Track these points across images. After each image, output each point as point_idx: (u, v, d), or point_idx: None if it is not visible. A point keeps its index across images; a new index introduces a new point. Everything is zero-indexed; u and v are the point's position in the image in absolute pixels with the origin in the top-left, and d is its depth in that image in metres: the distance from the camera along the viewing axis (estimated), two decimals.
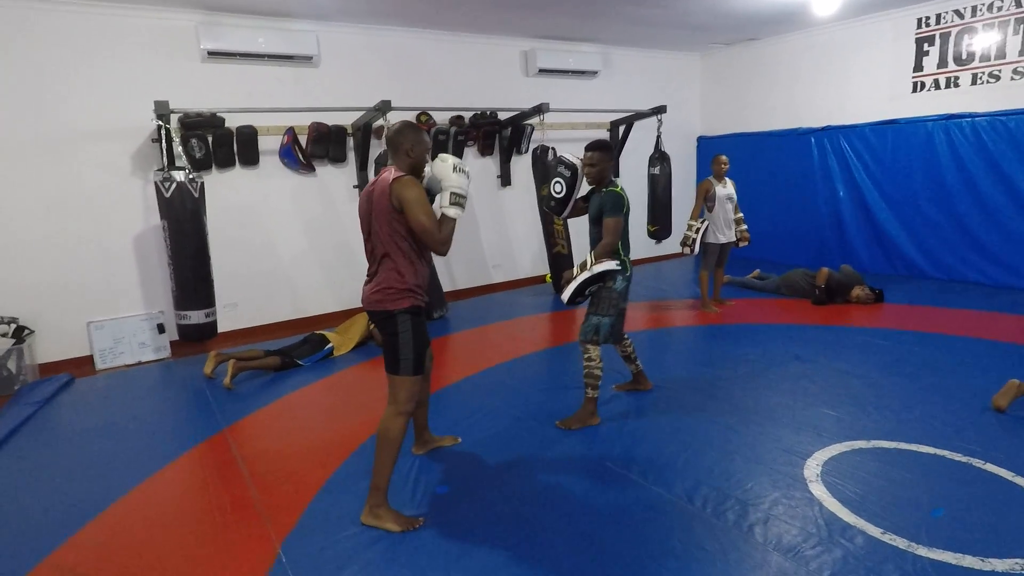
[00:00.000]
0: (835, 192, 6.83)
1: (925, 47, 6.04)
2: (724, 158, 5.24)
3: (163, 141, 4.25)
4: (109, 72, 4.59)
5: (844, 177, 6.75)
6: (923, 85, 6.12)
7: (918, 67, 6.12)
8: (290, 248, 5.51)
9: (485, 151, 6.47)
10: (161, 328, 4.89)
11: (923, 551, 2.07)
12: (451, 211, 2.32)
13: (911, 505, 2.35)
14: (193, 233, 4.21)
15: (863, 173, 6.60)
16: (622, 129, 7.02)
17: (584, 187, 3.27)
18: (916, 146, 6.14)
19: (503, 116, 6.29)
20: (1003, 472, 2.55)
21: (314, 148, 5.41)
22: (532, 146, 6.17)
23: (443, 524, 2.37)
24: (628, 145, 7.11)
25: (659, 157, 6.51)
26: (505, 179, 6.62)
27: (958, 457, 2.69)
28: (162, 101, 4.21)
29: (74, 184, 4.55)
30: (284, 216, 5.44)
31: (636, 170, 7.14)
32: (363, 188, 5.34)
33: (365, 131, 5.35)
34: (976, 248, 5.93)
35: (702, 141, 8.33)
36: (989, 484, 2.48)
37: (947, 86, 5.96)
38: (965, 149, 5.82)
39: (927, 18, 5.98)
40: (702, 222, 5.20)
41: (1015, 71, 5.52)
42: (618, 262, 3.06)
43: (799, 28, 6.85)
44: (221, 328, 4.76)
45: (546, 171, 5.98)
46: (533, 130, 6.39)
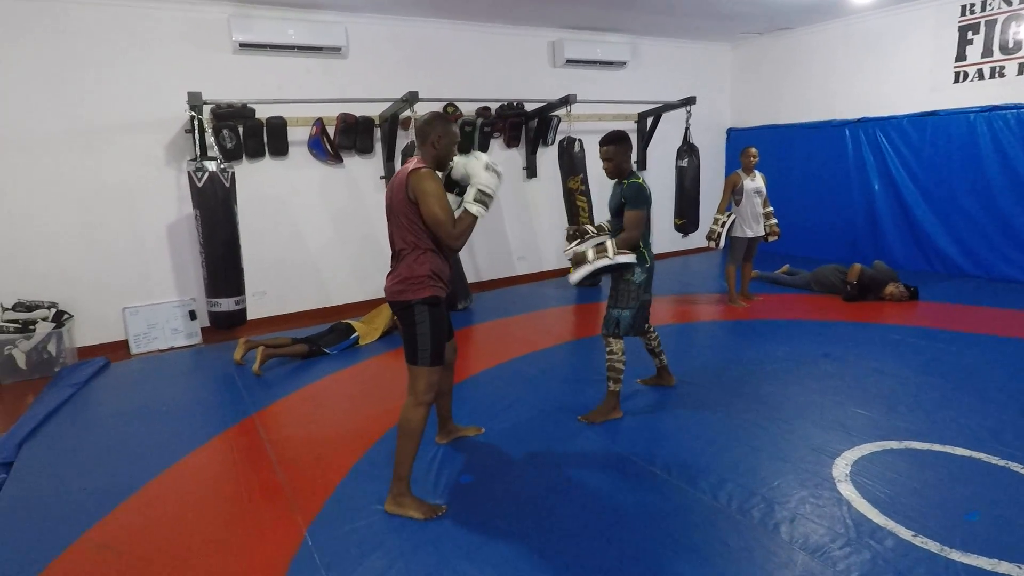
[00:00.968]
0: (870, 185, 6.65)
1: (969, 35, 5.81)
2: (754, 151, 5.13)
3: (196, 132, 4.33)
4: (144, 65, 4.69)
5: (880, 170, 6.56)
6: (966, 75, 5.90)
7: (961, 56, 5.90)
8: (317, 238, 5.58)
9: (511, 143, 6.45)
10: (193, 315, 5.01)
11: (956, 555, 2.01)
12: (474, 207, 2.31)
13: (944, 508, 2.28)
14: (224, 222, 4.28)
15: (899, 166, 6.41)
16: (650, 121, 6.94)
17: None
18: (956, 138, 5.93)
19: (530, 107, 6.26)
20: None
21: (342, 139, 5.46)
22: (559, 138, 6.13)
23: (466, 513, 2.38)
24: (656, 136, 7.03)
25: (687, 149, 6.42)
26: (531, 171, 6.60)
27: (995, 460, 2.61)
28: (195, 92, 4.29)
29: (111, 174, 4.68)
30: (312, 206, 5.51)
31: (664, 162, 7.06)
32: (389, 179, 5.39)
33: (392, 122, 5.37)
34: (1018, 245, 5.72)
35: (732, 133, 8.18)
36: None
37: (992, 76, 5.73)
38: (1009, 142, 5.60)
39: (971, 5, 5.75)
40: (728, 216, 5.11)
41: None
42: (635, 255, 3.00)
43: (835, 16, 6.66)
44: (250, 316, 4.85)
45: (572, 164, 5.94)
46: (560, 121, 6.34)
